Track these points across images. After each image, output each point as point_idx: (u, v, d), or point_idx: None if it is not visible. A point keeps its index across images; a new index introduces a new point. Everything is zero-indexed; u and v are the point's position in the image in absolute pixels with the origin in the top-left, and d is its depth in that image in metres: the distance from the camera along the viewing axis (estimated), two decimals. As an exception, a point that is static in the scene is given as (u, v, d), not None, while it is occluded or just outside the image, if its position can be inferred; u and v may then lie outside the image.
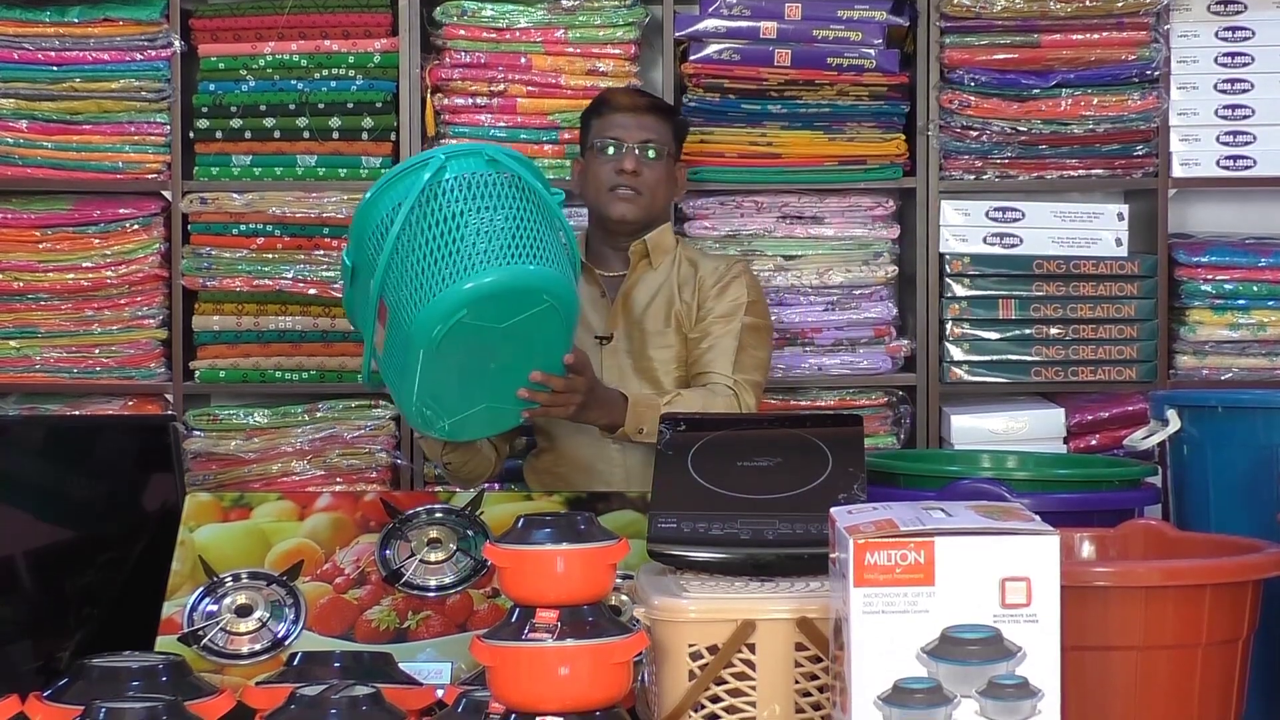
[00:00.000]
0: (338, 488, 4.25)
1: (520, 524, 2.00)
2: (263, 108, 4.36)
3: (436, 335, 2.75)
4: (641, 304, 3.72)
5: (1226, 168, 4.42)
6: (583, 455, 3.66)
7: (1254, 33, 4.42)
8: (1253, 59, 4.41)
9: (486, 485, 3.65)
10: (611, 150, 3.68)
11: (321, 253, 4.36)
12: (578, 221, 4.38)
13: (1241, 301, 4.39)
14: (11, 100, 4.36)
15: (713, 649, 2.02)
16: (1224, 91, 4.42)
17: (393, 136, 4.36)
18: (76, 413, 4.30)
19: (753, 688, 2.02)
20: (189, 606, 2.49)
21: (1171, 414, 2.79)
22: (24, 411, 4.33)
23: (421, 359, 2.78)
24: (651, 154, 3.67)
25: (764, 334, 3.73)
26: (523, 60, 4.38)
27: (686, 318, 3.69)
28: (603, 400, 3.44)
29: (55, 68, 4.36)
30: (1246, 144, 4.42)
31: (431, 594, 2.53)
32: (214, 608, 2.49)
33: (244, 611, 2.48)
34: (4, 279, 4.35)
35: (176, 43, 4.34)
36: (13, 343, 4.36)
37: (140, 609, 2.50)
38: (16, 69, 4.36)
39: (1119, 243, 4.40)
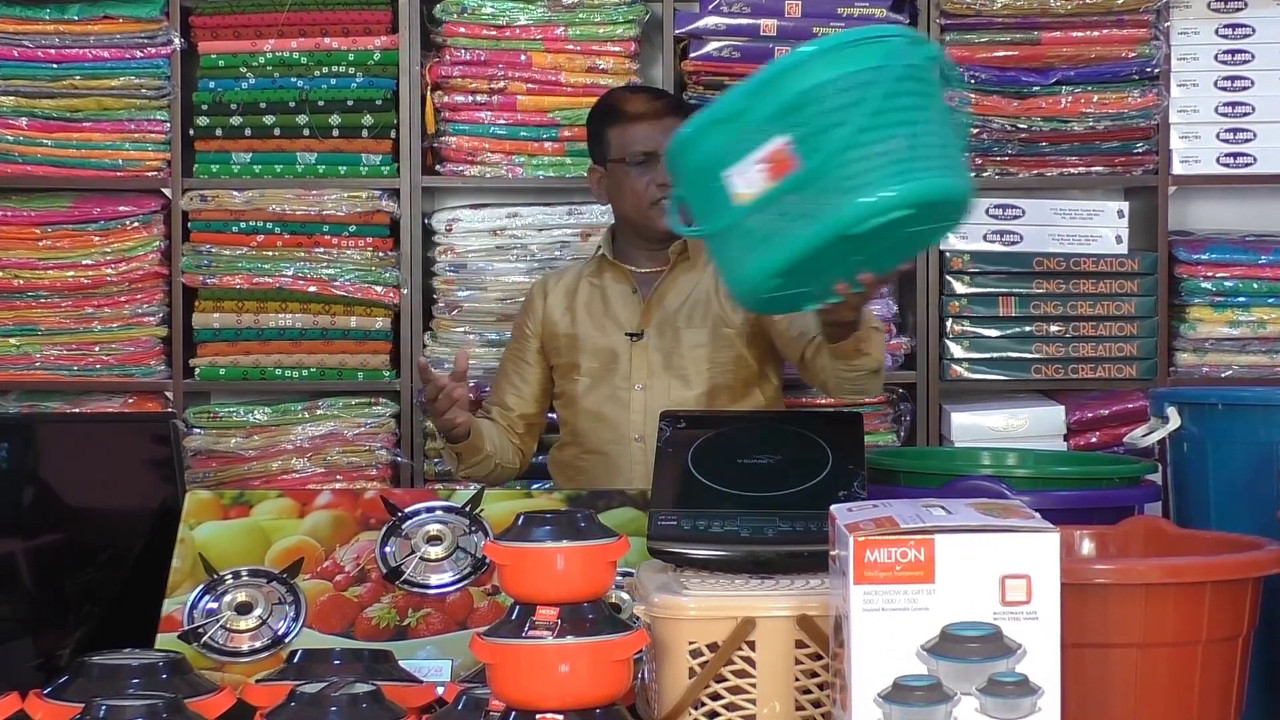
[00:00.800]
0: (338, 485, 4.25)
1: (520, 521, 2.00)
2: (263, 105, 4.36)
3: (870, 224, 2.53)
4: (676, 302, 3.70)
5: (1226, 165, 4.42)
6: (604, 449, 3.66)
7: (1254, 30, 4.42)
8: (1253, 56, 4.41)
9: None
10: (644, 163, 3.64)
11: (321, 250, 4.36)
12: (595, 220, 4.39)
13: (1242, 299, 4.39)
14: (11, 98, 4.36)
15: (713, 647, 2.02)
16: (1224, 89, 4.42)
17: (393, 134, 4.36)
18: (77, 410, 4.31)
19: (753, 685, 2.02)
20: (189, 604, 2.49)
21: (1172, 411, 2.79)
22: (24, 409, 4.33)
23: (824, 239, 2.56)
24: None
25: None
26: (523, 58, 4.38)
27: (729, 318, 3.64)
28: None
29: (55, 65, 4.36)
30: (1246, 141, 4.42)
31: (431, 591, 2.53)
32: (214, 605, 2.49)
33: (244, 609, 2.48)
34: (4, 276, 4.35)
35: (176, 40, 4.34)
36: (13, 340, 4.36)
37: (140, 606, 2.50)
38: (16, 66, 4.36)
39: (1119, 240, 4.40)
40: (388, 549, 2.58)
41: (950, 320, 4.37)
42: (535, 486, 4.17)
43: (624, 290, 3.73)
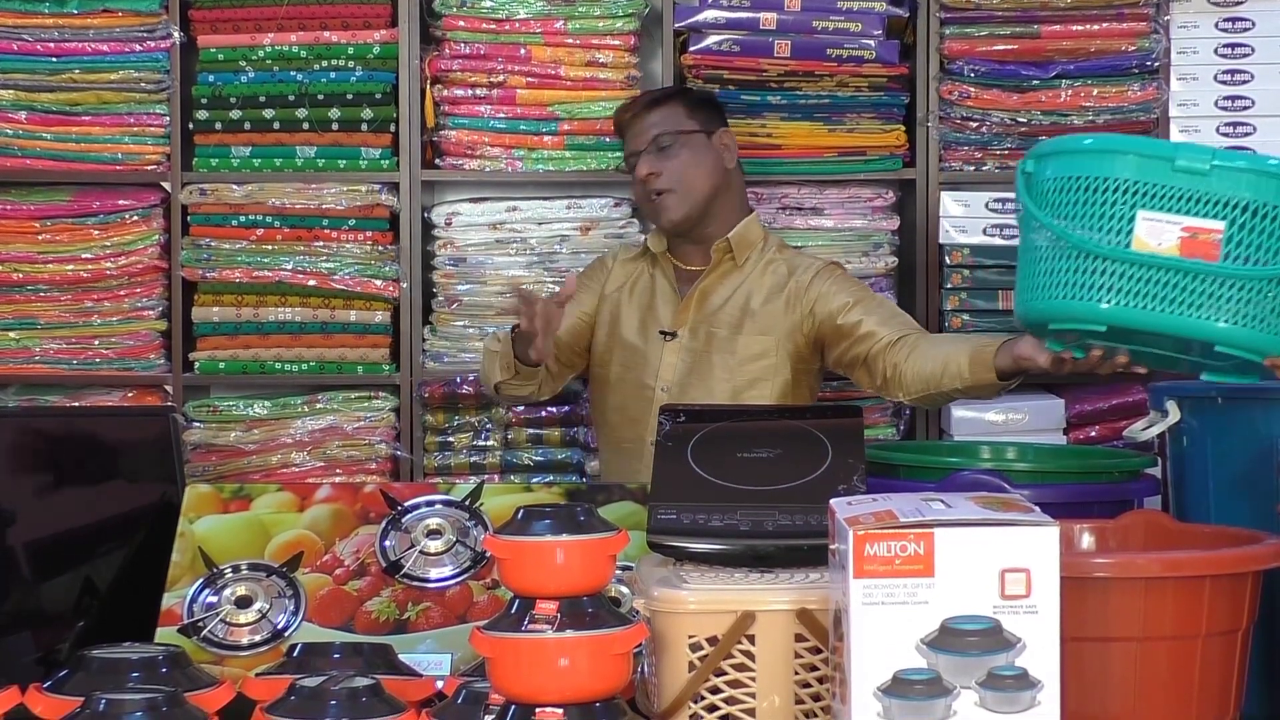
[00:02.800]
0: (337, 479, 4.25)
1: (520, 515, 2.00)
2: (262, 99, 4.36)
3: (1226, 349, 2.51)
4: (716, 304, 3.68)
5: (1226, 159, 4.41)
6: (622, 446, 3.66)
7: (1254, 24, 4.41)
8: (1253, 50, 4.41)
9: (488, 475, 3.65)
10: (633, 166, 3.68)
11: (321, 244, 4.36)
12: (595, 214, 4.39)
13: (1241, 293, 4.38)
14: (10, 91, 4.36)
15: (712, 640, 2.02)
16: (1224, 83, 4.41)
17: (392, 128, 4.36)
18: (76, 404, 4.31)
19: (752, 679, 2.02)
20: (189, 598, 2.49)
21: (1171, 405, 2.79)
22: (24, 403, 4.33)
23: (1174, 330, 2.53)
24: (665, 145, 3.65)
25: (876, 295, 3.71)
26: (522, 51, 4.37)
27: (768, 325, 3.61)
28: None
29: (54, 59, 4.36)
30: (1246, 135, 4.41)
31: (431, 585, 2.53)
32: (214, 599, 2.49)
33: (244, 603, 2.48)
34: (3, 270, 4.35)
35: (176, 34, 4.34)
36: (12, 334, 4.36)
37: (140, 600, 2.50)
38: (15, 60, 4.36)
39: (1119, 234, 4.39)
40: (387, 543, 2.58)
41: (950, 314, 4.37)
42: (535, 480, 4.18)
43: (668, 287, 3.72)
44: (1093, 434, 4.33)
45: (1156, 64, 4.35)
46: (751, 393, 3.63)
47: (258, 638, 2.45)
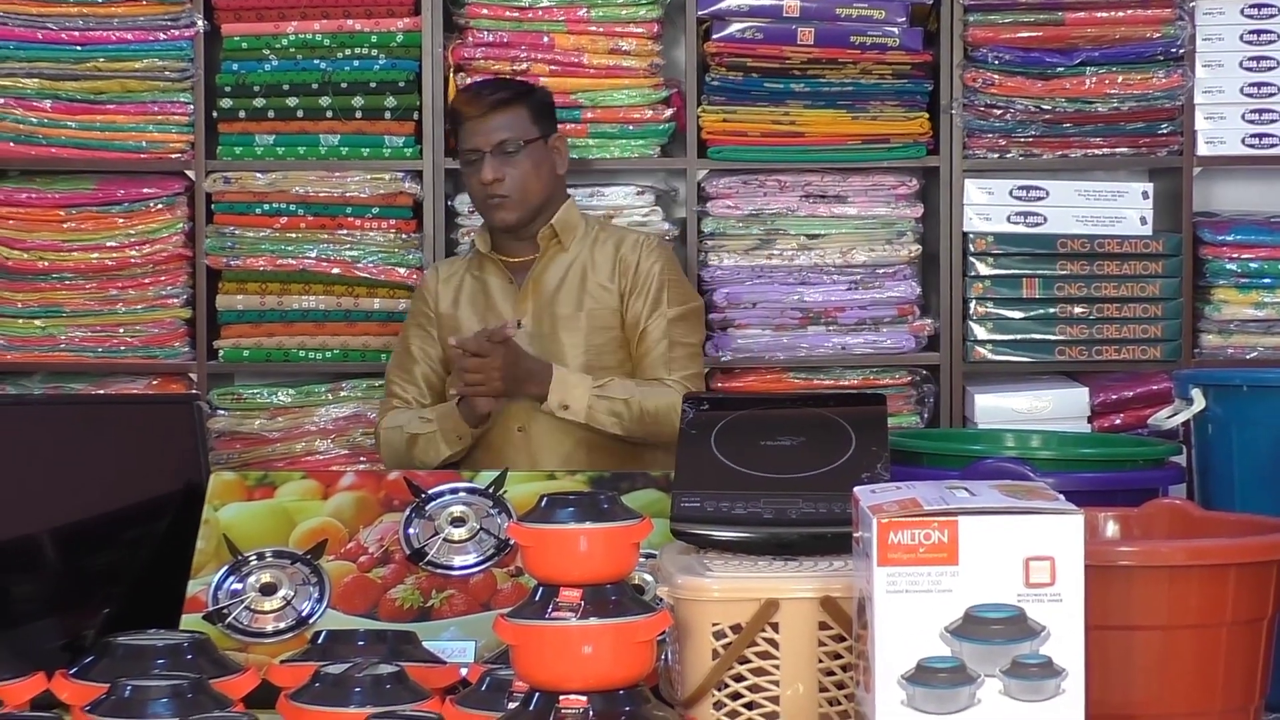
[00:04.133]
0: (361, 467, 4.26)
1: (543, 503, 2.00)
2: (286, 87, 4.36)
3: None
4: (551, 287, 3.75)
5: (1252, 146, 4.40)
6: (488, 439, 3.68)
7: (1280, 10, 4.40)
8: (1278, 37, 4.39)
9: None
10: (475, 162, 3.71)
11: (345, 232, 4.37)
12: (618, 202, 4.39)
13: (1267, 280, 4.37)
14: (35, 80, 4.37)
15: (736, 628, 2.02)
16: (1249, 69, 4.40)
17: (415, 116, 4.36)
18: (101, 392, 4.32)
19: (776, 667, 2.02)
20: (214, 585, 2.50)
21: (1196, 393, 2.78)
22: (49, 390, 4.34)
23: None
24: (510, 151, 3.68)
25: (692, 317, 3.79)
26: (545, 39, 4.37)
27: (604, 299, 3.71)
28: (531, 375, 3.56)
29: (79, 47, 4.36)
30: (1272, 122, 4.40)
31: (455, 573, 2.53)
32: (238, 586, 2.49)
33: (268, 590, 2.49)
34: (29, 258, 4.36)
35: (199, 22, 4.34)
36: (38, 322, 4.38)
37: (165, 587, 2.51)
38: (40, 49, 4.37)
39: (1143, 221, 4.39)
40: (411, 530, 2.58)
41: (974, 302, 4.37)
42: (559, 468, 4.18)
43: (502, 282, 3.77)
44: (1117, 422, 4.32)
45: (1181, 50, 4.34)
46: (602, 364, 3.69)
47: (282, 625, 2.46)
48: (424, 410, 3.71)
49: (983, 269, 4.36)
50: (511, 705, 1.99)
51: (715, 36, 4.31)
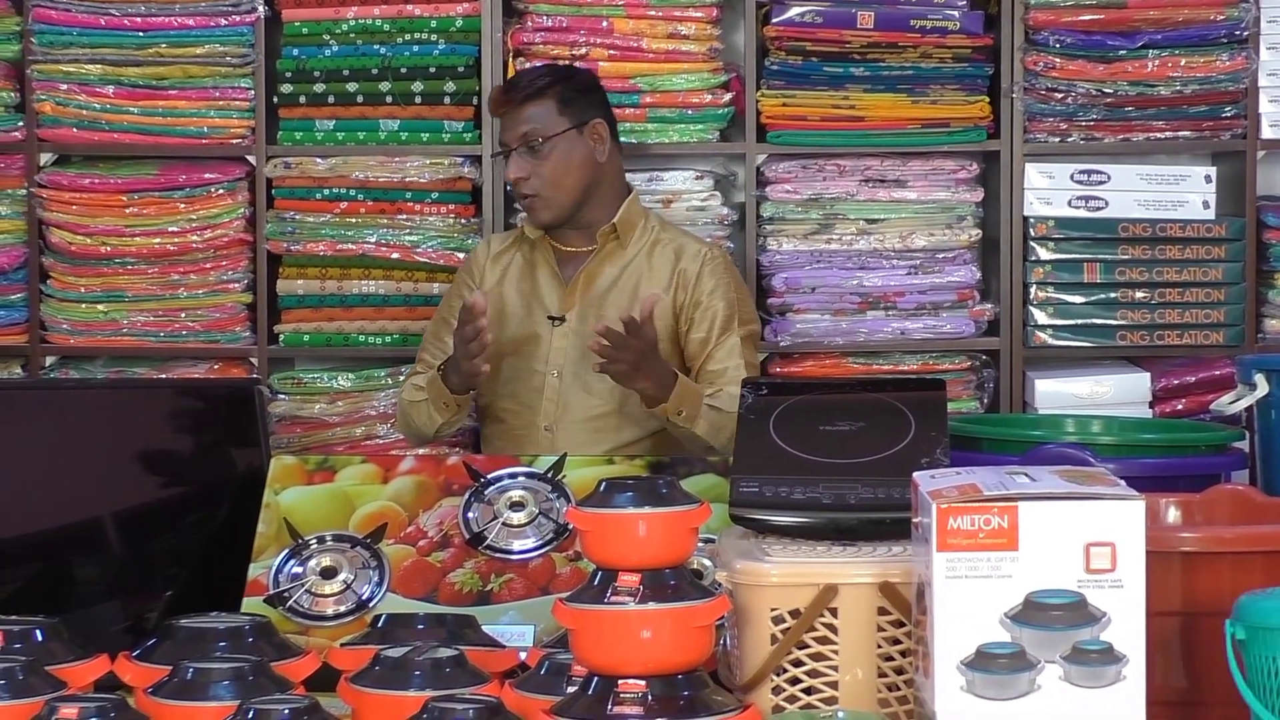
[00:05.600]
0: (421, 451, 4.27)
1: (602, 487, 2.00)
2: (346, 72, 4.38)
3: None
4: (604, 286, 3.67)
5: (1317, 128, 4.37)
6: (514, 434, 3.65)
7: (1346, -9, 4.36)
8: (1344, 19, 4.35)
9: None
10: (507, 156, 3.66)
11: (404, 217, 4.38)
12: (677, 186, 4.38)
13: (1331, 265, 4.34)
14: (99, 66, 4.40)
15: (795, 613, 2.02)
16: (1315, 51, 4.36)
17: (475, 101, 4.37)
18: (163, 376, 4.35)
19: (835, 652, 2.02)
20: (274, 568, 2.51)
21: (1259, 378, 2.76)
22: (112, 374, 4.37)
23: None
24: (534, 146, 3.61)
25: (755, 340, 3.74)
26: (604, 24, 4.37)
27: (657, 310, 3.49)
28: (654, 370, 3.41)
29: (141, 33, 4.39)
30: (1337, 104, 4.36)
31: (514, 557, 2.54)
32: (299, 570, 2.51)
33: (329, 574, 2.50)
34: (92, 243, 4.39)
35: (260, 7, 4.36)
36: (101, 306, 4.41)
37: (226, 571, 2.52)
38: (103, 35, 4.39)
39: (1206, 205, 4.36)
40: (470, 514, 2.59)
41: (1034, 287, 4.35)
42: (618, 453, 4.17)
43: (549, 272, 3.70)
44: (1179, 407, 4.30)
45: (1246, 33, 4.30)
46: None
47: (342, 608, 2.47)
48: (417, 378, 3.65)
49: (1043, 253, 4.34)
50: (570, 689, 1.99)
51: (775, 20, 4.30)
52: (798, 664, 2.03)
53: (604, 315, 3.59)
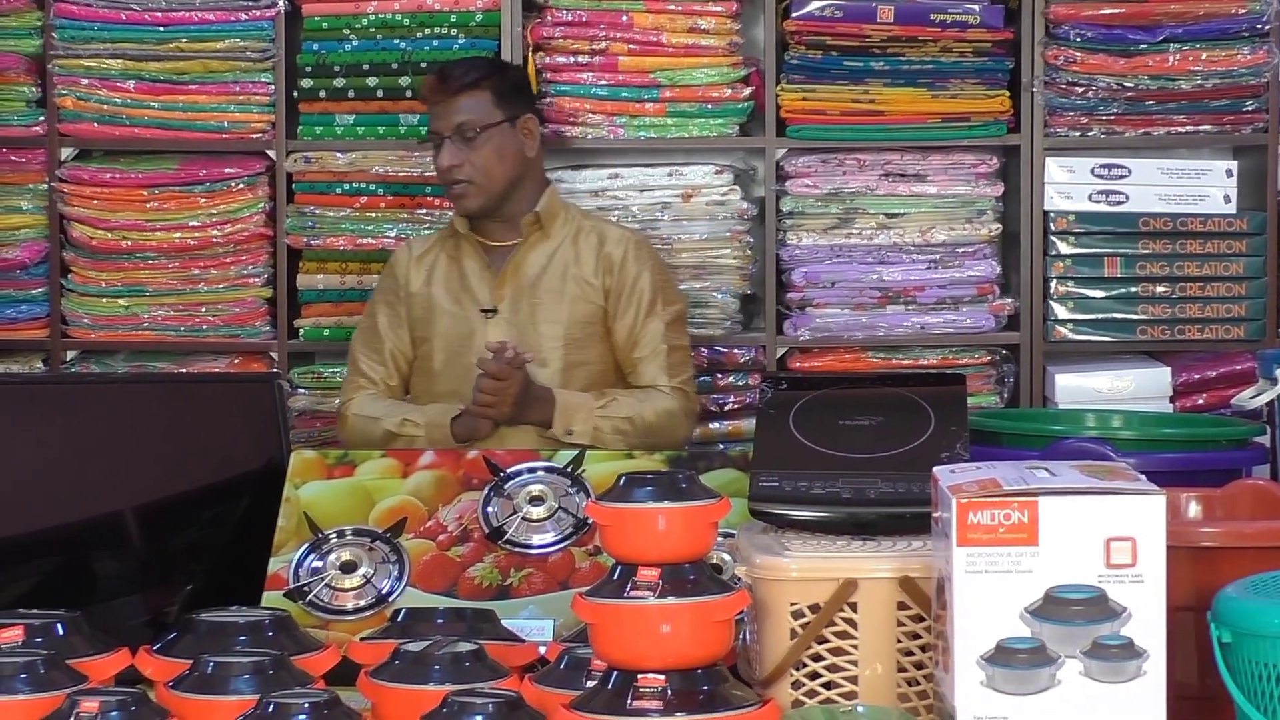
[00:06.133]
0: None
1: (622, 482, 2.00)
2: (366, 67, 4.38)
3: None
4: (532, 274, 3.71)
5: (1338, 123, 4.35)
6: (461, 391, 3.65)
7: (1367, -15, 4.34)
8: (1366, 12, 4.34)
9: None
10: (437, 144, 3.69)
11: (424, 211, 4.38)
12: (697, 181, 4.38)
13: (1353, 259, 4.32)
14: (119, 61, 4.41)
15: (814, 608, 2.02)
16: (1336, 45, 4.35)
17: (495, 95, 4.36)
18: (183, 370, 4.35)
19: (855, 646, 2.02)
20: (294, 563, 2.52)
21: (1280, 373, 2.75)
22: (132, 369, 4.38)
23: None
24: (469, 136, 3.65)
25: (682, 319, 3.78)
26: (624, 18, 4.37)
27: (588, 293, 3.67)
28: (535, 400, 3.52)
29: (162, 28, 4.40)
30: (1359, 98, 4.35)
31: (533, 551, 2.54)
32: (319, 564, 2.51)
33: (348, 568, 2.50)
34: (112, 238, 4.40)
35: (280, 2, 4.36)
36: (121, 301, 4.42)
37: (246, 565, 2.53)
38: (124, 29, 4.40)
39: (1227, 200, 4.35)
40: (490, 509, 2.59)
41: (1054, 281, 4.34)
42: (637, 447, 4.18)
43: (478, 265, 3.73)
44: (1200, 402, 4.29)
45: (1267, 27, 4.29)
46: (581, 358, 3.67)
47: (362, 603, 2.47)
48: (407, 409, 3.65)
49: (1064, 248, 4.33)
50: (590, 683, 1.99)
51: (795, 14, 4.30)
52: (817, 659, 2.03)
53: (536, 303, 3.68)
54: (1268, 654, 1.84)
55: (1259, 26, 4.28)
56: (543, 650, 2.25)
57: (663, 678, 1.90)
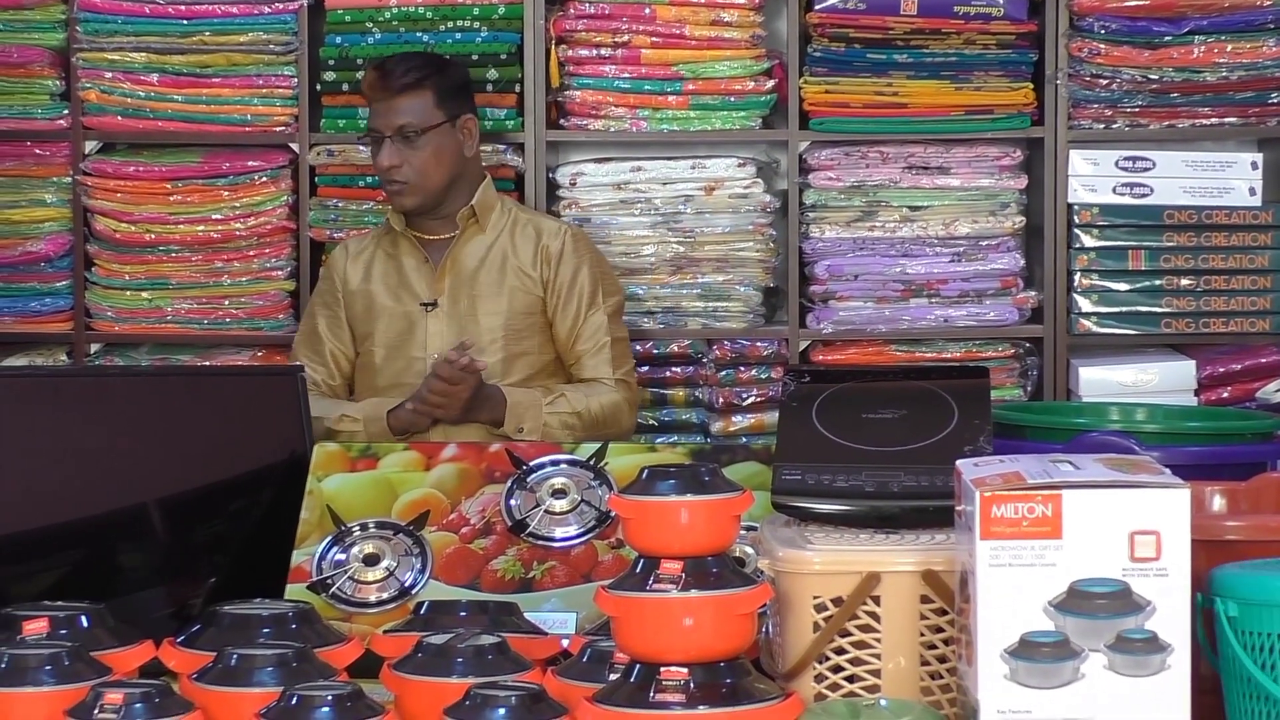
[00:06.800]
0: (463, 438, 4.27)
1: (644, 475, 2.00)
2: (388, 60, 4.38)
3: None
4: (470, 267, 3.76)
5: (1363, 115, 4.33)
6: (404, 384, 3.70)
7: (1393, -25, 4.32)
8: (1392, 3, 4.32)
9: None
10: (375, 141, 3.73)
11: (446, 204, 4.38)
12: (719, 174, 4.38)
13: (1378, 252, 4.31)
14: (143, 54, 4.41)
15: (837, 601, 2.01)
16: (1362, 37, 4.33)
17: (517, 88, 4.37)
18: (206, 363, 4.36)
19: (878, 640, 2.02)
20: (317, 555, 2.52)
21: (1305, 366, 2.75)
22: (155, 362, 4.39)
23: None
24: (409, 136, 3.70)
25: (620, 310, 3.84)
26: (647, 11, 4.37)
27: (526, 284, 3.73)
28: (485, 401, 3.56)
29: (185, 21, 4.40)
30: (1385, 90, 4.33)
31: (556, 544, 2.54)
32: (342, 557, 2.51)
33: (371, 560, 2.51)
34: (136, 231, 4.41)
35: (303, -5, 4.37)
36: (145, 294, 4.42)
37: (270, 557, 2.53)
38: (147, 23, 4.41)
39: (1252, 192, 4.33)
40: (513, 502, 2.59)
41: (1078, 274, 4.33)
42: (660, 440, 4.18)
43: (416, 260, 3.79)
44: (1224, 395, 4.28)
45: (1293, 19, 4.27)
46: (520, 349, 3.71)
47: (385, 595, 2.47)
48: (345, 405, 3.71)
49: (1088, 241, 4.32)
50: (612, 676, 1.99)
51: (817, 7, 4.29)
52: (840, 652, 2.02)
53: (476, 294, 3.73)
54: (1269, 623, 1.85)
55: (1284, 18, 4.27)
56: (565, 643, 2.25)
57: (685, 671, 1.90)
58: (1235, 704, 1.90)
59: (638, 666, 1.93)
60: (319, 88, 4.41)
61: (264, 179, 4.40)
